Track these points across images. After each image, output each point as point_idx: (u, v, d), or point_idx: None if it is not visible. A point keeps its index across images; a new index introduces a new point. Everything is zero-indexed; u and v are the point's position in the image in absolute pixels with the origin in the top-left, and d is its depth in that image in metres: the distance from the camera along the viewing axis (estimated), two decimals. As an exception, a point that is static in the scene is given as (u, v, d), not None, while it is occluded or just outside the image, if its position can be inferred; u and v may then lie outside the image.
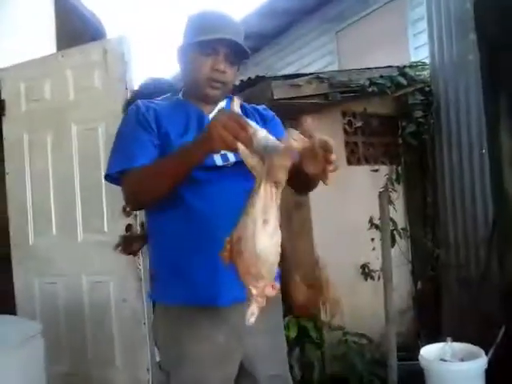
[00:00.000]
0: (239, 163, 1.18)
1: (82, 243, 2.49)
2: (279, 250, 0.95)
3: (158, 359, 1.32)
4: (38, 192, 2.62)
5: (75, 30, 3.82)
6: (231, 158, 1.24)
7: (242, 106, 1.36)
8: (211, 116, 1.26)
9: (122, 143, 1.26)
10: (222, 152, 1.19)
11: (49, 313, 2.55)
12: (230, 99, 1.34)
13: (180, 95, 1.38)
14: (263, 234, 0.92)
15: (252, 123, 1.03)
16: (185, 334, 1.22)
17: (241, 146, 0.97)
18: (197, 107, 1.31)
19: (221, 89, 1.29)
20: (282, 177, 0.92)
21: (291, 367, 2.31)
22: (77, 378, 2.49)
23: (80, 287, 2.50)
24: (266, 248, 0.93)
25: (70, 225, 2.51)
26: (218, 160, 1.23)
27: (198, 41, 1.24)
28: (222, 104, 1.35)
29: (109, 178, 1.26)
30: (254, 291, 0.95)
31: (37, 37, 3.11)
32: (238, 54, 1.28)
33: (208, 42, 1.23)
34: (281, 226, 0.97)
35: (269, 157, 0.93)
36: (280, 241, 0.95)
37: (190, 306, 1.22)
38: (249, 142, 0.97)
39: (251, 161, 0.97)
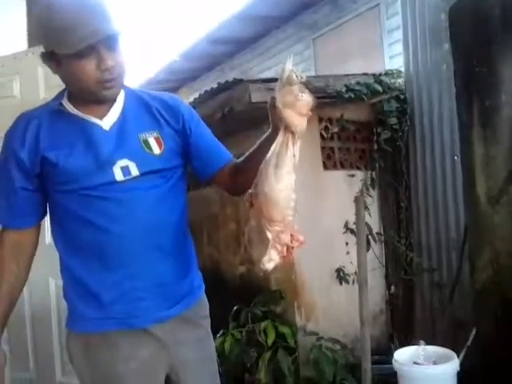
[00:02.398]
0: (144, 175, 1.14)
1: (50, 246, 2.41)
2: (292, 195, 0.96)
3: None
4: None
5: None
6: (134, 171, 1.13)
7: (135, 97, 1.22)
8: (106, 124, 1.14)
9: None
10: (122, 165, 1.12)
11: (14, 318, 2.44)
12: (128, 91, 1.22)
13: (63, 101, 1.17)
14: (274, 177, 0.94)
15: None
16: (105, 356, 1.15)
17: None
18: (84, 118, 1.14)
19: (117, 84, 1.12)
20: (294, 118, 0.92)
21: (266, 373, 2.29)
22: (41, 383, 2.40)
23: (47, 291, 2.42)
24: (275, 190, 0.94)
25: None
26: (118, 175, 1.12)
27: (74, 52, 1.03)
28: (119, 106, 1.18)
29: None
30: (269, 235, 0.96)
31: (7, 33, 3.01)
32: (117, 37, 1.08)
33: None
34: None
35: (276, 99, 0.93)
36: (292, 186, 0.96)
37: (106, 332, 1.15)
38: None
39: (274, 112, 0.96)
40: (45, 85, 2.45)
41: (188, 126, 1.23)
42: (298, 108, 0.93)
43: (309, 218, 2.82)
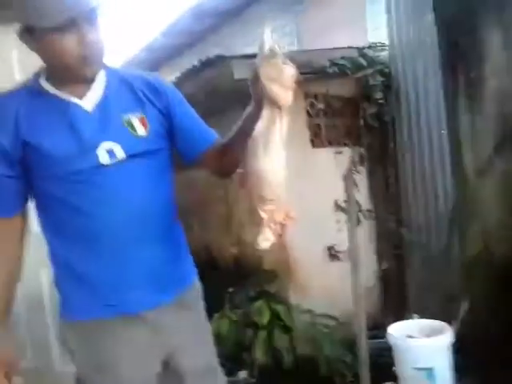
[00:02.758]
0: (131, 157, 1.10)
1: (40, 234, 2.37)
2: (283, 173, 0.94)
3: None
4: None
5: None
6: (119, 153, 1.09)
7: (117, 77, 1.18)
8: (87, 105, 1.09)
9: None
10: (107, 148, 1.08)
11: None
12: (109, 71, 1.17)
13: (41, 81, 1.12)
14: (263, 155, 0.91)
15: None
16: (100, 343, 1.13)
17: None
18: (63, 99, 1.10)
19: (98, 60, 1.08)
20: (279, 92, 0.89)
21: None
22: (41, 373, 2.39)
23: (39, 281, 2.39)
24: (266, 168, 0.92)
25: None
26: (103, 158, 1.08)
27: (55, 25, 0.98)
28: (101, 86, 1.13)
29: None
30: (263, 215, 0.94)
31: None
32: (95, 10, 1.04)
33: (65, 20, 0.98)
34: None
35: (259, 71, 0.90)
36: (283, 164, 0.94)
37: (100, 319, 1.13)
38: None
39: (260, 87, 0.92)
40: (19, 67, 2.36)
41: (172, 107, 1.19)
42: (282, 81, 0.90)
43: (298, 196, 2.80)
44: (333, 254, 2.95)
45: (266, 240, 0.95)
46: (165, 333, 1.18)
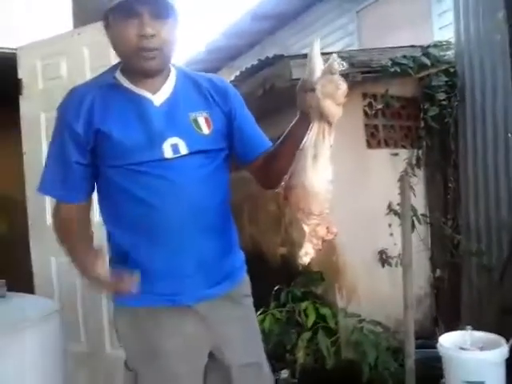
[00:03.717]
0: (193, 154, 1.15)
1: (99, 223, 2.48)
2: (330, 188, 0.95)
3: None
4: (54, 172, 2.61)
5: (93, 9, 3.78)
6: (183, 149, 1.15)
7: (186, 76, 1.23)
8: (157, 99, 1.15)
9: (51, 162, 1.20)
10: (172, 143, 1.13)
11: (66, 291, 2.57)
12: (179, 71, 1.22)
13: (117, 73, 1.19)
14: (312, 169, 0.92)
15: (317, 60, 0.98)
16: (151, 331, 1.18)
17: None
18: (135, 92, 1.16)
19: (156, 57, 1.10)
20: (332, 108, 0.91)
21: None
22: (93, 356, 2.51)
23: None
24: (315, 182, 0.92)
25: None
26: (167, 152, 1.13)
27: (113, 5, 1.04)
28: (171, 83, 1.19)
29: None
30: (306, 229, 0.95)
31: (53, 15, 3.08)
32: (165, 5, 1.07)
33: (124, 3, 1.03)
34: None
35: (315, 89, 0.92)
36: (330, 178, 0.95)
37: (152, 307, 1.18)
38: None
39: (310, 100, 0.95)
40: (90, 65, 2.49)
41: (234, 110, 1.25)
42: (336, 97, 0.91)
43: (351, 198, 2.76)
44: (384, 258, 2.87)
45: (306, 255, 0.96)
46: (214, 326, 1.21)
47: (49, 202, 2.62)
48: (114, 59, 2.37)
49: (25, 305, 2.01)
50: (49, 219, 2.61)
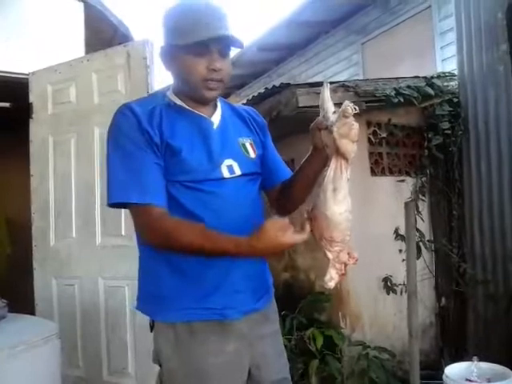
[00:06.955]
0: (244, 175, 1.24)
1: (100, 246, 2.49)
2: (350, 217, 1.05)
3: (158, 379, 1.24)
4: (60, 194, 2.64)
5: (104, 38, 3.89)
6: (237, 170, 1.22)
7: (227, 105, 1.35)
8: (215, 122, 1.23)
9: (129, 167, 1.13)
10: (228, 164, 1.20)
11: (66, 314, 2.55)
12: (222, 100, 1.33)
13: (170, 96, 1.24)
14: (333, 201, 1.03)
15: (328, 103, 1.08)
16: (193, 349, 1.18)
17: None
18: (197, 113, 1.23)
19: (219, 88, 1.21)
20: (348, 146, 1.03)
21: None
22: (90, 383, 2.47)
23: (96, 290, 2.49)
24: (336, 213, 1.03)
25: (90, 227, 2.51)
26: (225, 172, 1.20)
27: (190, 43, 1.12)
28: (220, 110, 1.28)
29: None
30: (330, 255, 1.05)
31: (66, 42, 3.17)
32: (230, 45, 1.20)
33: (202, 42, 1.13)
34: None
35: (332, 129, 1.04)
36: (350, 209, 1.05)
37: (198, 321, 1.17)
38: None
39: (324, 138, 1.08)
40: (98, 90, 2.55)
41: (265, 138, 1.37)
42: (351, 137, 1.03)
43: (356, 224, 2.75)
44: (389, 285, 2.84)
45: (331, 280, 1.06)
46: (253, 342, 1.24)
47: (53, 224, 2.64)
48: (120, 84, 2.48)
49: (24, 326, 2.00)
50: (52, 241, 2.63)
